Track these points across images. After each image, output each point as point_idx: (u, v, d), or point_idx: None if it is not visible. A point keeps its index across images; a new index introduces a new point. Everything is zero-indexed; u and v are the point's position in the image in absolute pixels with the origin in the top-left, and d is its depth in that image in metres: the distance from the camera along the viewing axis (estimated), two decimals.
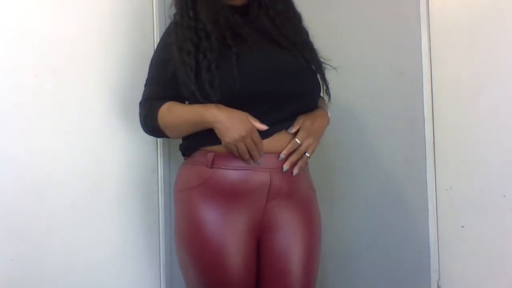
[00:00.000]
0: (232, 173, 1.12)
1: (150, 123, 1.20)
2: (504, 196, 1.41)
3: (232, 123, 1.07)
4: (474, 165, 1.47)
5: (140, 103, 1.25)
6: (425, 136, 1.56)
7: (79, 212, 1.24)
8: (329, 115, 1.23)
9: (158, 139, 1.46)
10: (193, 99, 1.14)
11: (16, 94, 1.12)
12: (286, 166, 1.12)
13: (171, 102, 1.18)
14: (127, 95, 1.38)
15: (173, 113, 1.17)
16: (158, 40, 1.46)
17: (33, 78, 1.15)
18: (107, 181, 1.32)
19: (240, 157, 1.09)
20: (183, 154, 1.23)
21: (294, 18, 1.23)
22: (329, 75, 1.25)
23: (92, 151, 1.28)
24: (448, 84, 1.52)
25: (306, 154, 1.14)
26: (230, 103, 1.10)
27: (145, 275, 1.43)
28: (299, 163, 1.14)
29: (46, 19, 1.19)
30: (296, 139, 1.13)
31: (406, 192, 1.61)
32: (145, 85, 1.25)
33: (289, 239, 1.14)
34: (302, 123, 1.14)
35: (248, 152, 1.08)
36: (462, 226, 1.49)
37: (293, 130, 1.13)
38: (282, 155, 1.12)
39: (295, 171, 1.14)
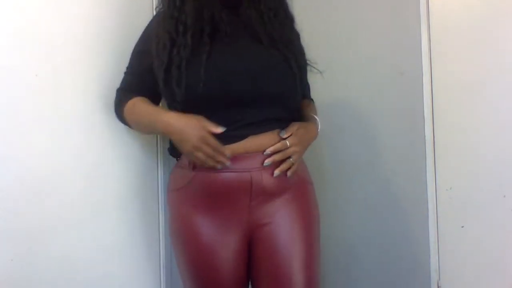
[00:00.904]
0: (212, 175, 1.11)
1: (118, 114, 1.25)
2: (504, 196, 1.41)
3: (183, 133, 1.05)
4: (474, 165, 1.47)
5: (117, 90, 1.26)
6: (425, 136, 1.55)
7: (79, 212, 1.24)
8: (318, 129, 1.23)
9: (158, 139, 1.47)
10: (163, 96, 1.17)
11: (16, 94, 1.12)
12: (268, 162, 1.10)
13: (138, 98, 1.17)
14: None
15: (135, 112, 1.18)
16: None
17: (33, 78, 1.15)
18: (107, 181, 1.32)
19: (204, 165, 1.07)
20: (172, 156, 1.24)
21: (285, 17, 1.20)
22: (329, 74, 1.25)
23: (92, 151, 1.28)
24: (448, 84, 1.51)
25: (291, 159, 1.12)
26: (195, 104, 1.08)
27: (145, 275, 1.43)
28: (282, 166, 1.12)
29: (46, 19, 1.19)
30: (287, 141, 1.11)
31: (406, 192, 1.61)
32: (124, 73, 1.26)
33: (283, 236, 1.13)
34: (296, 130, 1.13)
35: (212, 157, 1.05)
36: (462, 226, 1.49)
37: (285, 135, 1.12)
38: (268, 151, 1.10)
39: (277, 172, 1.11)
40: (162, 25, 1.13)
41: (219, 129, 1.04)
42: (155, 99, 1.22)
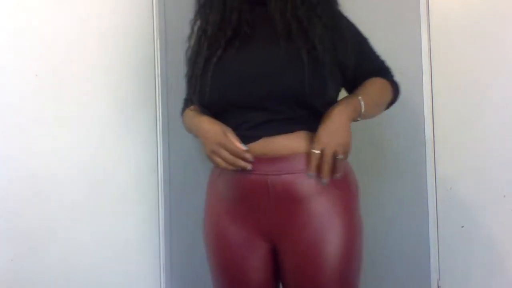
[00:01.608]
0: (234, 175, 1.10)
1: (183, 123, 1.27)
2: (504, 196, 1.41)
3: (206, 137, 1.10)
4: (474, 165, 1.47)
5: (183, 99, 1.30)
6: (425, 136, 1.55)
7: (79, 212, 1.24)
8: (352, 105, 1.08)
9: (158, 139, 1.47)
10: None
11: (16, 94, 1.12)
12: (310, 173, 1.03)
13: (192, 107, 1.20)
14: (127, 95, 1.39)
15: (187, 120, 1.22)
16: (158, 40, 1.47)
17: (33, 78, 1.15)
18: (107, 181, 1.32)
19: (223, 169, 1.08)
20: None
21: (316, 5, 1.09)
22: None
23: (92, 151, 1.28)
24: (448, 84, 1.51)
25: (338, 157, 1.03)
26: (208, 109, 1.11)
27: (145, 275, 1.43)
28: (337, 168, 1.04)
29: (46, 19, 1.19)
30: (313, 150, 1.03)
31: (406, 192, 1.61)
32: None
33: (305, 250, 1.05)
34: (318, 133, 1.04)
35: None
36: (462, 226, 1.49)
37: (313, 149, 1.03)
38: (311, 173, 1.03)
39: (324, 181, 1.03)
40: (194, 36, 1.18)
41: (240, 145, 1.05)
42: None
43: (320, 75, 1.04)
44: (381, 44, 1.40)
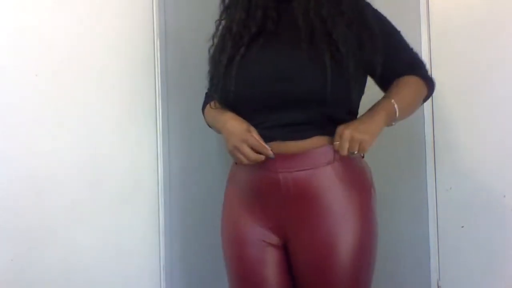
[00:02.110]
0: (248, 172, 1.12)
1: (204, 117, 1.28)
2: (504, 196, 1.41)
3: (230, 133, 1.09)
4: (474, 165, 1.47)
5: (205, 93, 1.31)
6: (425, 136, 1.56)
7: (79, 212, 1.24)
8: (387, 113, 1.07)
9: (158, 139, 1.47)
10: None
11: (16, 94, 1.12)
12: (336, 143, 1.03)
13: (213, 103, 1.20)
14: (127, 95, 1.39)
15: (208, 115, 1.23)
16: (158, 39, 1.47)
17: (33, 78, 1.15)
18: (107, 181, 1.32)
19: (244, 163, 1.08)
20: None
21: (340, 3, 1.07)
22: None
23: (92, 151, 1.28)
24: (448, 84, 1.51)
25: (355, 152, 1.03)
26: (229, 107, 1.13)
27: (145, 275, 1.43)
28: (343, 144, 1.03)
29: (46, 19, 1.19)
30: (341, 135, 1.03)
31: (406, 192, 1.61)
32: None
33: (318, 247, 1.05)
34: (340, 134, 1.04)
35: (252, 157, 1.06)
36: (462, 226, 1.49)
37: (336, 141, 1.04)
38: (335, 145, 1.04)
39: (341, 150, 1.03)
40: (219, 33, 1.18)
41: (263, 142, 1.05)
42: None
43: (343, 80, 1.02)
44: None
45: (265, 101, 1.07)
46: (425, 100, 1.22)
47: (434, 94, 1.53)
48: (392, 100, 1.08)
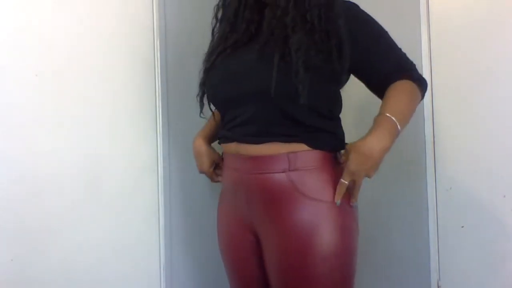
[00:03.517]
0: (226, 171, 1.21)
1: None
2: (504, 196, 1.41)
3: (195, 159, 1.33)
4: (474, 165, 1.47)
5: None
6: (425, 136, 1.55)
7: (79, 212, 1.24)
8: (391, 130, 1.05)
9: (158, 139, 1.47)
10: None
11: (16, 94, 1.12)
12: (338, 200, 1.04)
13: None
14: (127, 95, 1.39)
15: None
16: (158, 39, 1.47)
17: (33, 78, 1.15)
18: (107, 181, 1.32)
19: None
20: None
21: (312, 5, 1.06)
22: None
23: (92, 151, 1.28)
24: (448, 84, 1.51)
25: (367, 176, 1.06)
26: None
27: (145, 275, 1.43)
28: (338, 191, 1.05)
29: (46, 19, 1.19)
30: (342, 180, 1.04)
31: (406, 192, 1.61)
32: None
33: (282, 250, 1.06)
34: (349, 161, 1.04)
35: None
36: (462, 226, 1.49)
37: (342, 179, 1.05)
38: (338, 201, 1.04)
39: (337, 201, 1.05)
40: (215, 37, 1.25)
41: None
42: None
43: (290, 79, 1.01)
44: None
45: (224, 102, 1.16)
46: (420, 101, 1.21)
47: (434, 94, 1.54)
48: (394, 118, 1.05)
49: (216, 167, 1.31)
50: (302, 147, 1.06)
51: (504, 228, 1.42)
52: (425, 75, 1.54)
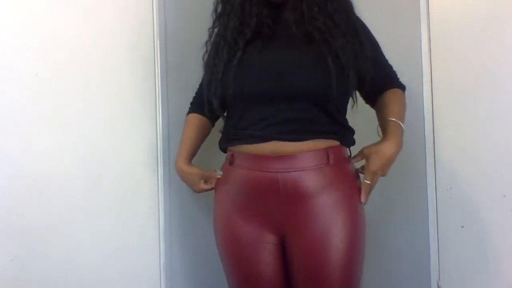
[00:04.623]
0: (245, 173, 1.15)
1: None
2: (504, 196, 1.41)
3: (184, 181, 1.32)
4: (474, 165, 1.47)
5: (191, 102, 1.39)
6: (425, 136, 1.56)
7: (79, 212, 1.24)
8: (400, 136, 1.18)
9: (158, 139, 1.47)
10: None
11: (16, 94, 1.12)
12: (364, 199, 1.17)
13: (190, 116, 1.35)
14: (127, 95, 1.39)
15: (184, 129, 1.35)
16: (158, 39, 1.47)
17: (33, 78, 1.15)
18: (107, 181, 1.32)
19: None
20: (221, 151, 1.28)
21: (334, 12, 1.12)
22: None
23: (92, 151, 1.28)
24: (448, 84, 1.51)
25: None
26: (229, 105, 1.19)
27: (145, 275, 1.43)
28: (363, 191, 1.17)
29: (46, 19, 1.19)
30: (366, 180, 1.16)
31: (406, 192, 1.61)
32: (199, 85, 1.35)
33: (315, 244, 1.10)
34: (370, 167, 1.16)
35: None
36: (462, 226, 1.49)
37: (364, 189, 1.16)
38: (363, 200, 1.16)
39: (363, 200, 1.17)
40: (214, 40, 1.22)
41: (210, 175, 1.26)
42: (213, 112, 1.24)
43: (344, 81, 1.10)
44: (381, 44, 1.40)
45: (267, 98, 1.11)
46: None
47: (434, 94, 1.54)
48: (400, 123, 1.18)
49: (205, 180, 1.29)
50: (334, 143, 1.14)
51: (504, 228, 1.42)
52: (425, 75, 1.55)
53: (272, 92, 1.10)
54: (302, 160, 1.10)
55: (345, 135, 1.18)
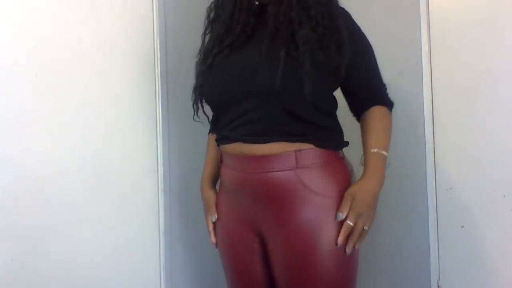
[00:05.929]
0: (229, 171, 1.16)
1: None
2: (504, 196, 1.41)
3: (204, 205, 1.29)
4: (474, 165, 1.47)
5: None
6: (425, 136, 1.55)
7: (79, 212, 1.24)
8: (384, 167, 1.11)
9: (158, 139, 1.47)
10: None
11: (16, 94, 1.12)
12: (340, 243, 1.04)
13: (211, 135, 1.33)
14: (127, 95, 1.39)
15: (206, 153, 1.33)
16: (158, 40, 1.47)
17: (33, 78, 1.15)
18: (107, 181, 1.32)
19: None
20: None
21: (315, 2, 1.08)
22: None
23: (92, 151, 1.28)
24: (448, 84, 1.51)
25: (365, 228, 1.07)
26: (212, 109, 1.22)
27: (145, 275, 1.43)
28: (360, 239, 1.07)
29: (46, 19, 1.19)
30: (348, 221, 1.04)
31: (406, 192, 1.61)
32: None
33: (287, 250, 1.07)
34: (351, 202, 1.05)
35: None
36: (462, 226, 1.49)
37: (343, 216, 1.04)
38: (340, 242, 1.04)
39: (357, 246, 1.06)
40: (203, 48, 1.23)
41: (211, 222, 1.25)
42: None
43: (296, 75, 1.03)
44: (381, 44, 1.41)
45: (234, 100, 1.11)
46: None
47: (434, 94, 1.54)
48: (383, 153, 1.12)
49: None
50: (307, 145, 1.07)
51: (504, 228, 1.42)
52: (425, 75, 1.54)
53: (236, 93, 1.10)
54: (270, 162, 1.07)
55: (322, 136, 1.09)
